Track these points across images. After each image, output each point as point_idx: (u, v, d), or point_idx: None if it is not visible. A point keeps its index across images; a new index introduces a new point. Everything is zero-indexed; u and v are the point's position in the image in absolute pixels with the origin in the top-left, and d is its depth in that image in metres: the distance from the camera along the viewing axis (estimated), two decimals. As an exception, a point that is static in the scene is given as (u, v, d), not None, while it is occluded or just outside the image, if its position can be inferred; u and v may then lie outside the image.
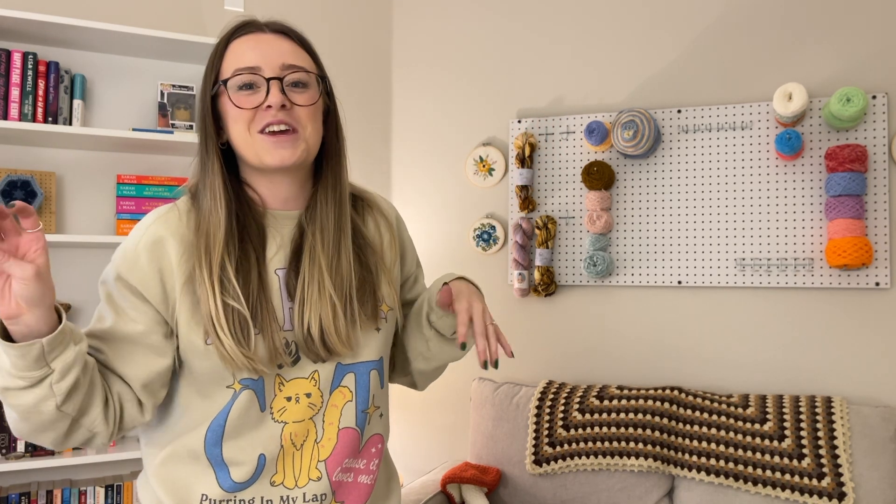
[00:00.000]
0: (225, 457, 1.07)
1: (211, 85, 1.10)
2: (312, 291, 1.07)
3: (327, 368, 1.10)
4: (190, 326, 1.04)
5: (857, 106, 2.26)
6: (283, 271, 1.09)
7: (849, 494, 2.10)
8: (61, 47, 2.46)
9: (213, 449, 1.07)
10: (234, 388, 1.06)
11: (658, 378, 2.62)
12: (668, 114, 2.62)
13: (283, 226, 1.12)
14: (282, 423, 1.07)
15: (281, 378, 1.08)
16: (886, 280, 2.35)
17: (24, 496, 2.28)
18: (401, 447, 3.00)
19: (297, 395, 1.08)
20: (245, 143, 1.06)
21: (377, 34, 3.07)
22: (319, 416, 1.10)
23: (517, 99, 2.87)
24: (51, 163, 2.46)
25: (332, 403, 1.11)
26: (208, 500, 1.07)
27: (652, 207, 2.63)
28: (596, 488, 2.36)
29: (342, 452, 1.12)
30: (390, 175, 3.08)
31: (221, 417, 1.06)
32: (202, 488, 1.07)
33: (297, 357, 1.08)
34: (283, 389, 1.08)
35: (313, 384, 1.09)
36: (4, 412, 1.01)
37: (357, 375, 1.12)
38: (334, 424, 1.11)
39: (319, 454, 1.10)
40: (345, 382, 1.11)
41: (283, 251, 1.10)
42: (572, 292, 2.75)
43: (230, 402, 1.06)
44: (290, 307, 1.08)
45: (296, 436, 1.08)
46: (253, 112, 1.05)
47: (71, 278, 2.46)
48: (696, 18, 2.63)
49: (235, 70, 1.07)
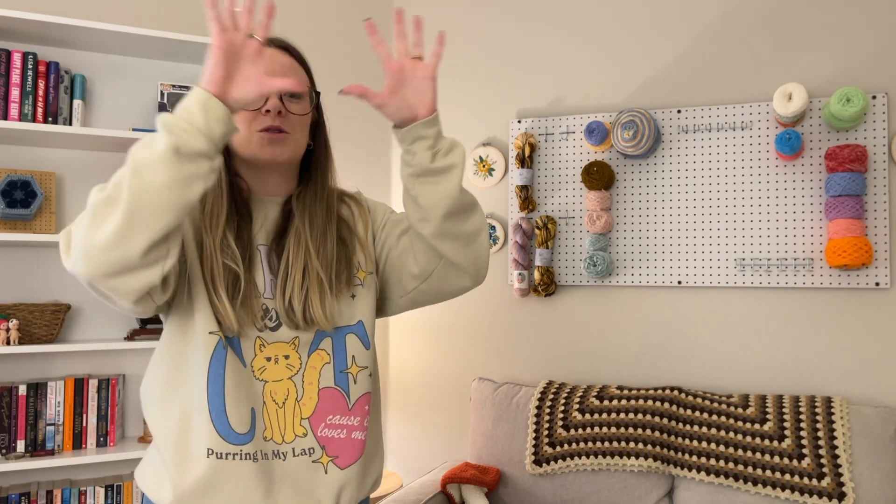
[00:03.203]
0: (227, 407, 1.15)
1: None
2: (297, 270, 1.20)
3: (307, 335, 1.21)
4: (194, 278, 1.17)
5: (857, 106, 2.26)
6: (264, 247, 1.23)
7: (849, 494, 2.10)
8: (61, 47, 2.46)
9: (215, 398, 1.15)
10: (219, 336, 1.16)
11: (658, 378, 2.62)
12: (668, 114, 2.62)
13: (266, 208, 1.26)
14: (262, 381, 1.18)
15: (262, 340, 1.19)
16: (886, 280, 2.35)
17: (24, 496, 2.28)
18: (401, 447, 3.00)
19: (277, 357, 1.19)
20: (243, 139, 1.21)
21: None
22: (299, 377, 1.20)
23: (517, 99, 2.87)
24: (51, 163, 2.46)
25: (310, 365, 1.21)
26: (213, 453, 1.15)
27: (652, 207, 2.63)
28: (596, 488, 2.36)
29: (325, 410, 1.22)
30: (390, 175, 3.08)
31: (219, 366, 1.15)
32: (207, 443, 1.15)
33: (277, 323, 1.20)
34: (264, 351, 1.19)
35: (292, 348, 1.20)
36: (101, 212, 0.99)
37: (334, 340, 1.24)
38: (314, 385, 1.21)
39: (302, 412, 1.20)
40: (322, 346, 1.22)
41: (265, 230, 1.24)
42: (572, 292, 2.75)
43: (217, 349, 1.15)
44: (271, 279, 1.21)
45: (276, 394, 1.19)
46: (253, 114, 1.20)
47: (71, 278, 2.46)
48: (696, 18, 2.63)
49: None
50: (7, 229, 2.34)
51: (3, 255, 2.39)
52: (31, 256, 2.43)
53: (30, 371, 2.41)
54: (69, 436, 2.35)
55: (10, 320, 2.24)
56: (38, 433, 2.31)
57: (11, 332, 2.22)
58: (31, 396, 2.30)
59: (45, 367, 2.43)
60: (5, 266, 2.40)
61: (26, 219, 2.34)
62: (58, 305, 2.33)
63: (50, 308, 2.32)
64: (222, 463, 1.15)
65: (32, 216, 2.34)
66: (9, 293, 2.40)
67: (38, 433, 2.31)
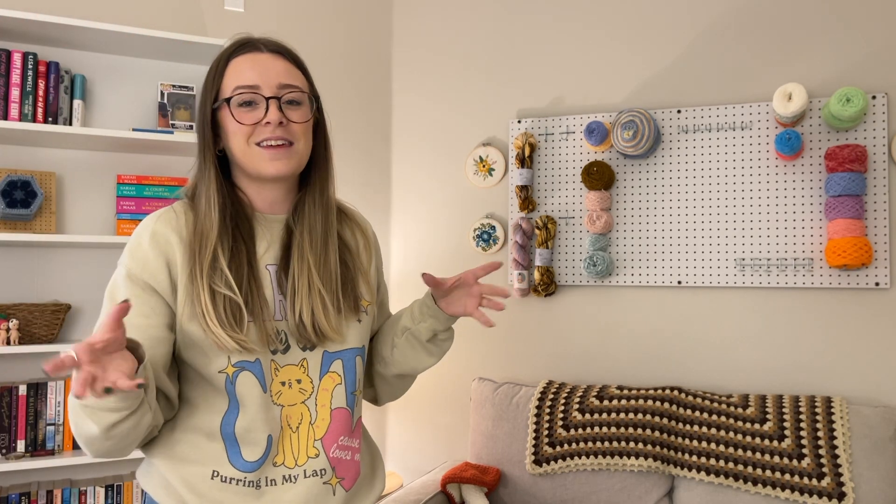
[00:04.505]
0: (238, 435, 1.15)
1: (212, 99, 1.20)
2: (302, 285, 1.18)
3: (315, 357, 1.20)
4: (190, 318, 1.13)
5: (857, 106, 2.26)
6: (273, 267, 1.21)
7: (849, 494, 2.10)
8: (61, 47, 2.46)
9: (228, 427, 1.15)
10: (227, 373, 1.13)
11: (658, 378, 2.62)
12: (668, 114, 2.62)
13: (272, 228, 1.23)
14: (280, 405, 1.17)
15: (276, 364, 1.17)
16: (886, 280, 2.35)
17: (24, 496, 2.28)
18: (401, 447, 3.01)
19: (290, 381, 1.18)
20: (244, 154, 1.17)
21: (377, 34, 3.07)
22: (311, 400, 1.20)
23: (517, 99, 2.87)
24: (51, 163, 2.46)
25: (322, 388, 1.21)
26: (219, 476, 1.14)
27: (652, 207, 2.63)
28: (596, 488, 2.36)
29: (337, 430, 1.22)
30: (390, 175, 3.08)
31: (234, 398, 1.14)
32: (214, 466, 1.14)
33: (287, 345, 1.18)
34: (279, 375, 1.17)
35: (302, 371, 1.19)
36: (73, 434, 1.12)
37: (344, 361, 1.23)
38: (326, 406, 1.21)
39: (315, 434, 1.20)
40: (333, 368, 1.22)
41: (273, 249, 1.22)
42: (572, 292, 2.75)
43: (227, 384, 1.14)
44: (280, 300, 1.19)
45: (291, 418, 1.18)
46: (252, 127, 1.16)
47: (71, 278, 2.46)
48: (696, 18, 2.63)
49: (236, 88, 1.17)
50: (7, 229, 2.34)
51: (3, 255, 2.39)
52: (31, 256, 2.43)
53: (30, 371, 2.41)
54: (69, 436, 2.35)
55: (10, 320, 2.24)
56: (39, 433, 2.31)
57: (11, 332, 2.22)
58: (32, 396, 2.30)
59: (45, 367, 2.42)
60: (5, 266, 2.40)
61: (26, 219, 2.34)
62: (58, 305, 2.34)
63: (50, 308, 2.32)
64: (225, 486, 1.14)
65: (32, 216, 2.34)
66: (9, 293, 2.40)
67: (38, 433, 2.31)
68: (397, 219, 3.06)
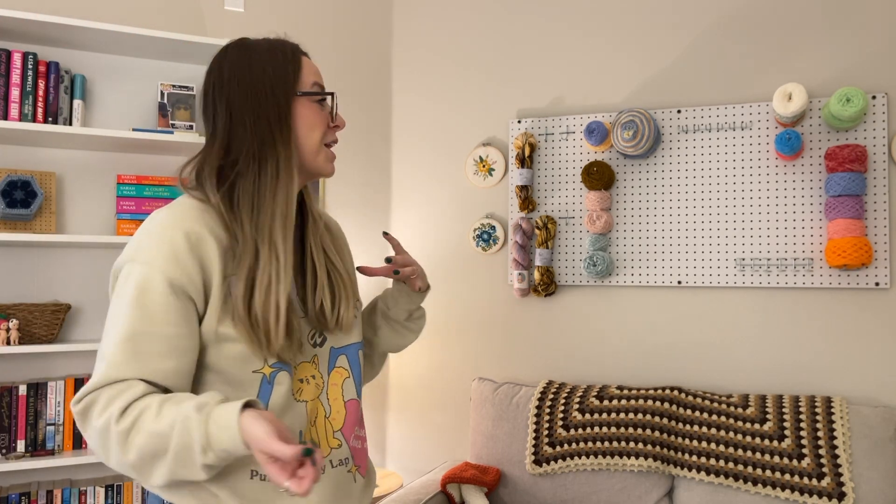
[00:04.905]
0: None
1: (292, 89, 1.16)
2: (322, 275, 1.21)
3: (324, 353, 1.22)
4: (219, 317, 1.09)
5: (857, 106, 2.26)
6: None
7: (848, 494, 2.10)
8: (61, 47, 2.46)
9: None
10: (264, 373, 1.12)
11: (658, 378, 2.62)
12: (668, 114, 2.62)
13: None
14: (303, 401, 1.18)
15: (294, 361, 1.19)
16: (886, 280, 2.35)
17: (24, 496, 2.28)
18: (401, 447, 3.00)
19: (307, 377, 1.19)
20: (315, 150, 1.18)
21: (377, 34, 3.07)
22: (324, 395, 1.21)
23: (517, 99, 2.87)
24: (51, 163, 2.46)
25: (331, 383, 1.23)
26: (258, 475, 1.13)
27: (652, 207, 2.63)
28: (596, 488, 2.36)
29: (352, 421, 1.25)
30: (390, 175, 3.08)
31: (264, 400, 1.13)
32: (252, 465, 1.13)
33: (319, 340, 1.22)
34: (297, 372, 1.18)
35: (314, 367, 1.20)
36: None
37: (349, 355, 1.26)
38: (339, 399, 1.23)
39: (333, 426, 1.22)
40: (339, 364, 1.25)
41: None
42: (572, 292, 2.75)
43: (263, 384, 1.12)
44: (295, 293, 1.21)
45: (311, 412, 1.19)
46: (326, 126, 1.19)
47: (71, 278, 2.46)
48: (696, 19, 2.63)
49: (315, 84, 1.19)
50: (7, 229, 2.34)
51: (3, 255, 2.39)
52: (31, 256, 2.43)
53: (30, 371, 2.41)
54: (69, 436, 2.35)
55: (10, 320, 2.24)
56: (39, 433, 2.31)
57: (11, 332, 2.22)
58: (32, 396, 2.30)
59: (45, 367, 2.43)
60: (5, 266, 2.40)
61: (26, 219, 2.34)
62: (58, 305, 2.34)
63: (50, 308, 2.32)
64: (264, 484, 1.13)
65: (32, 216, 2.34)
66: (9, 293, 2.40)
67: (38, 433, 2.31)
68: (397, 219, 3.06)
